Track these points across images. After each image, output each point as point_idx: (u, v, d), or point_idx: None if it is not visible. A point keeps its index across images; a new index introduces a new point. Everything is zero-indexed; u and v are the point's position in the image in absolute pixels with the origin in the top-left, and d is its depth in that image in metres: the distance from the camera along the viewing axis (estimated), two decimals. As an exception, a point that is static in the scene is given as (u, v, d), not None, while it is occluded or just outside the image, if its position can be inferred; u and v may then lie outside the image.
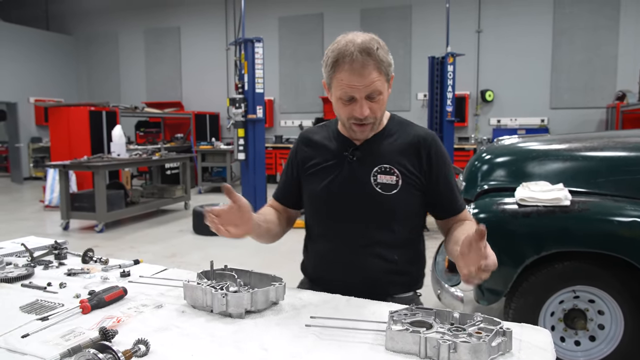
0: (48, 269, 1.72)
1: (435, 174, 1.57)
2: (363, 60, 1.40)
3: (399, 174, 1.53)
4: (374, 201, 1.53)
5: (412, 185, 1.54)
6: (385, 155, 1.56)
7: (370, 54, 1.41)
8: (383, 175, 1.53)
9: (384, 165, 1.54)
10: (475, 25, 10.88)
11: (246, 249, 5.85)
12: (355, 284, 1.54)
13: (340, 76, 1.44)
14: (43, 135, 13.25)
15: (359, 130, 1.52)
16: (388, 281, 1.58)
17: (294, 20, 12.30)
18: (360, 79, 1.41)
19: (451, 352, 1.01)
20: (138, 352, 1.05)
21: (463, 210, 1.63)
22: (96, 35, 14.62)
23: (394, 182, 1.53)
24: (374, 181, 1.53)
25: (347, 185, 1.56)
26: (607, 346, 2.59)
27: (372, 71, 1.41)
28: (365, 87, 1.42)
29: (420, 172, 1.56)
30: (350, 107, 1.48)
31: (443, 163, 1.59)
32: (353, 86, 1.43)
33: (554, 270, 2.58)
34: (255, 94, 6.46)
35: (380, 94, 1.46)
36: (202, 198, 9.64)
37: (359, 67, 1.40)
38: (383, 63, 1.44)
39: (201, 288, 1.32)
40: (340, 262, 1.57)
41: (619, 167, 2.75)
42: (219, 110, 12.89)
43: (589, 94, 10.24)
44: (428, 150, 1.57)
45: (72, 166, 6.82)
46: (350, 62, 1.41)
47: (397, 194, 1.52)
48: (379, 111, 1.50)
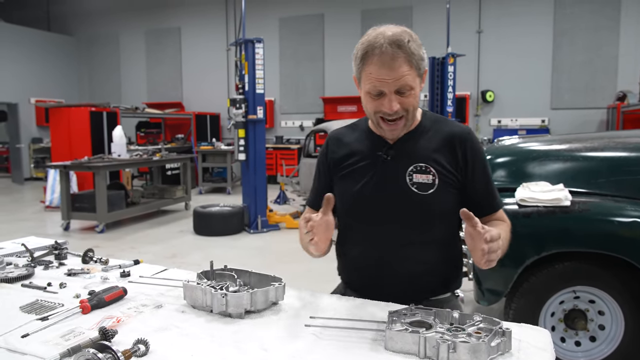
0: (48, 269, 1.72)
1: (471, 170, 1.50)
2: (393, 53, 1.33)
3: (435, 172, 1.47)
4: (410, 201, 1.46)
5: (448, 183, 1.48)
6: (420, 153, 1.49)
7: (401, 47, 1.34)
8: (419, 175, 1.47)
9: (419, 164, 1.48)
10: (475, 26, 10.88)
11: (246, 250, 5.86)
12: (391, 286, 1.47)
13: (369, 69, 1.38)
14: (44, 135, 13.26)
15: (387, 128, 1.45)
16: (425, 282, 1.53)
17: (295, 20, 12.31)
18: (389, 72, 1.35)
19: (450, 352, 1.01)
20: (138, 352, 1.05)
21: (499, 209, 1.56)
22: (97, 36, 14.64)
23: (430, 181, 1.46)
24: (409, 181, 1.47)
25: (382, 185, 1.49)
26: (608, 347, 2.59)
27: (402, 64, 1.34)
28: (394, 80, 1.35)
29: (456, 169, 1.49)
30: (378, 102, 1.41)
31: (480, 159, 1.52)
32: (382, 80, 1.36)
33: (554, 271, 2.58)
34: (256, 94, 6.46)
35: (411, 89, 1.38)
36: (202, 199, 9.64)
37: (389, 59, 1.34)
38: (414, 56, 1.36)
39: (201, 288, 1.32)
40: (376, 264, 1.50)
41: (619, 167, 2.75)
42: (219, 110, 12.91)
43: (590, 94, 10.23)
44: (464, 147, 1.50)
45: (73, 167, 6.82)
46: (379, 54, 1.35)
47: (434, 194, 1.46)
48: (409, 107, 1.41)
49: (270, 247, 6.00)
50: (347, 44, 12.04)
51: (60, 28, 14.86)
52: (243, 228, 6.76)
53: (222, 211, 6.66)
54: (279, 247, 5.97)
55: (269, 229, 6.80)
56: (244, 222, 6.77)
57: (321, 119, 11.65)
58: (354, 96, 11.51)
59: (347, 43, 11.87)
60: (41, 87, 13.62)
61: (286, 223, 7.03)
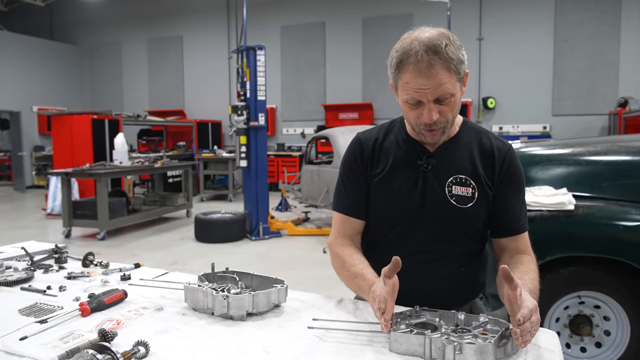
0: (48, 273, 1.71)
1: (509, 188, 1.44)
2: (429, 60, 1.25)
3: (475, 185, 1.40)
4: (448, 214, 1.40)
5: (486, 196, 1.42)
6: (460, 164, 1.42)
7: (438, 52, 1.25)
8: (458, 187, 1.40)
9: (459, 176, 1.41)
10: (476, 33, 10.90)
11: (248, 257, 5.83)
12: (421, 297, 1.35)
13: (406, 78, 1.29)
14: (46, 143, 13.29)
15: (429, 135, 1.37)
16: (456, 293, 1.47)
17: (296, 28, 12.36)
18: (427, 81, 1.26)
19: (456, 354, 1.00)
20: (137, 353, 1.03)
21: (523, 233, 1.48)
22: (100, 44, 14.71)
23: (469, 195, 1.40)
24: (448, 192, 1.40)
25: (420, 196, 1.42)
26: (614, 353, 2.56)
27: (440, 71, 1.25)
28: (433, 90, 1.27)
29: (493, 184, 1.43)
30: (417, 110, 1.33)
31: (519, 178, 1.46)
32: (419, 89, 1.28)
33: (558, 276, 2.55)
34: (257, 101, 6.47)
35: (451, 95, 1.30)
36: (204, 206, 9.63)
37: (425, 67, 1.25)
38: (453, 61, 1.26)
39: (202, 290, 1.30)
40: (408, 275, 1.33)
41: (623, 171, 2.74)
42: (221, 118, 12.93)
43: (591, 100, 10.23)
44: (503, 163, 1.43)
45: (75, 174, 6.82)
46: (415, 62, 1.26)
47: (473, 207, 1.40)
48: (449, 114, 1.33)
49: (272, 254, 5.98)
50: (348, 52, 12.12)
51: (63, 37, 14.94)
52: (244, 235, 6.74)
53: (223, 218, 6.65)
54: (280, 254, 5.95)
55: (271, 236, 6.78)
56: (245, 229, 6.75)
57: (322, 126, 11.66)
58: (355, 103, 11.54)
59: (348, 50, 11.92)
60: (43, 95, 13.67)
61: (288, 230, 7.01)
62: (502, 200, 1.44)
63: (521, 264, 1.39)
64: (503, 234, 1.47)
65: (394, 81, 1.37)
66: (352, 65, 11.81)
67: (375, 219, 1.50)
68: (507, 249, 1.48)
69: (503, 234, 1.48)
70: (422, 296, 1.33)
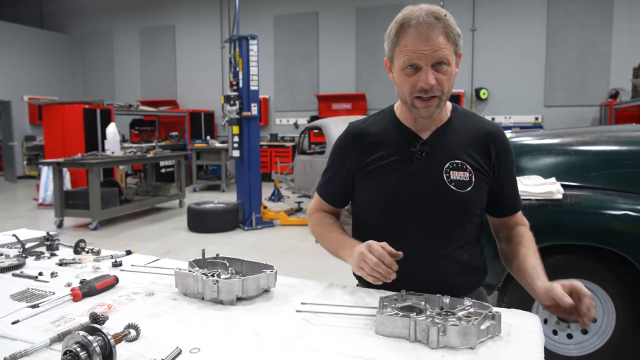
0: (40, 260, 1.71)
1: (502, 170, 1.47)
2: (430, 22, 1.28)
3: (472, 169, 1.41)
4: (448, 200, 1.39)
5: (483, 180, 1.43)
6: (455, 149, 1.43)
7: (439, 18, 1.29)
8: (456, 172, 1.40)
9: (455, 161, 1.41)
10: (469, 24, 10.91)
11: (240, 247, 5.86)
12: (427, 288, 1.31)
13: (405, 42, 1.31)
14: (37, 133, 13.20)
15: (422, 105, 1.35)
16: (459, 282, 1.46)
17: (289, 18, 12.30)
18: (426, 43, 1.28)
19: (440, 335, 1.02)
20: (128, 335, 1.05)
21: (520, 210, 1.55)
22: (91, 33, 14.58)
23: (467, 179, 1.40)
24: (446, 178, 1.40)
25: (418, 183, 1.41)
26: (599, 339, 2.61)
27: (440, 35, 1.28)
28: (432, 52, 1.28)
29: (489, 167, 1.45)
30: (414, 77, 1.32)
31: (511, 159, 1.50)
32: (418, 51, 1.29)
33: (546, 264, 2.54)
34: (250, 91, 6.46)
35: (448, 64, 1.31)
36: (197, 196, 9.62)
37: (426, 30, 1.28)
38: (452, 29, 1.31)
39: (192, 275, 1.32)
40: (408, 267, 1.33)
41: (610, 161, 2.77)
42: (214, 108, 12.89)
43: (583, 92, 10.29)
44: (497, 145, 1.46)
45: (66, 164, 6.79)
46: (416, 24, 1.29)
47: (472, 191, 1.40)
48: (445, 84, 1.33)
49: (264, 244, 6.00)
50: (341, 42, 12.08)
51: (53, 26, 14.79)
52: (237, 225, 6.76)
53: (216, 208, 6.66)
54: (273, 244, 5.97)
55: (263, 226, 6.80)
56: (238, 219, 6.77)
57: (316, 116, 11.66)
58: (348, 94, 11.54)
59: (342, 41, 11.89)
60: (34, 84, 13.55)
61: (280, 220, 7.03)
62: (502, 183, 1.48)
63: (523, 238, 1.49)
64: (505, 213, 1.54)
65: (390, 51, 1.37)
66: (346, 56, 11.79)
67: (370, 208, 1.49)
68: (507, 224, 1.55)
69: (505, 214, 1.54)
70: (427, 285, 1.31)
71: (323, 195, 1.60)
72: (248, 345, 1.05)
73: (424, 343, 1.04)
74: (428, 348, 1.02)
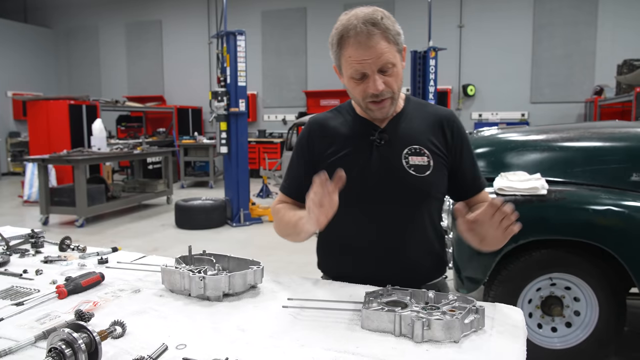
0: (24, 257, 1.70)
1: (459, 152, 1.51)
2: (368, 31, 1.31)
3: (430, 154, 1.45)
4: (408, 185, 1.43)
5: (442, 164, 1.47)
6: (412, 135, 1.47)
7: (375, 24, 1.31)
8: (414, 157, 1.44)
9: (413, 146, 1.45)
10: (457, 20, 10.96)
11: (229, 243, 5.84)
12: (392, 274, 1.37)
13: (348, 53, 1.35)
14: (21, 129, 13.01)
15: (376, 107, 1.40)
16: (426, 266, 1.52)
17: (277, 14, 12.26)
18: (368, 52, 1.31)
19: (425, 329, 1.03)
20: (114, 332, 1.05)
21: (484, 189, 1.58)
22: (76, 28, 14.40)
23: (426, 163, 1.44)
24: (406, 164, 1.44)
25: (378, 171, 1.45)
26: (583, 332, 2.65)
27: (380, 41, 1.32)
28: (375, 59, 1.32)
29: (446, 150, 1.49)
30: (363, 85, 1.37)
31: (467, 141, 1.54)
32: (362, 61, 1.33)
33: (531, 259, 2.62)
34: (238, 87, 6.43)
35: (393, 65, 1.36)
36: (184, 192, 9.58)
37: (365, 38, 1.31)
38: (390, 31, 1.33)
39: (179, 272, 1.32)
40: (376, 254, 1.43)
41: (594, 157, 2.81)
42: (201, 104, 12.81)
43: (568, 88, 10.40)
44: (452, 128, 1.50)
45: (52, 160, 6.72)
46: (354, 35, 1.32)
47: (431, 175, 1.44)
48: (394, 84, 1.38)
49: (253, 240, 5.99)
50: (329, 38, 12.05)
51: (37, 20, 14.58)
52: (225, 221, 6.74)
53: (204, 205, 6.63)
54: (261, 240, 5.97)
55: (252, 222, 6.79)
56: (226, 216, 6.75)
57: (304, 112, 11.64)
58: (336, 90, 11.53)
59: (330, 37, 11.87)
60: (18, 80, 13.35)
61: (269, 216, 7.02)
62: (460, 164, 1.51)
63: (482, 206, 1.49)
64: (468, 194, 1.56)
65: (337, 61, 1.42)
66: (330, 50, 11.76)
67: None
68: (471, 204, 1.57)
69: (468, 195, 1.56)
70: (391, 274, 1.36)
71: (286, 191, 1.61)
72: (234, 341, 1.05)
73: (409, 337, 1.05)
74: (413, 342, 1.03)
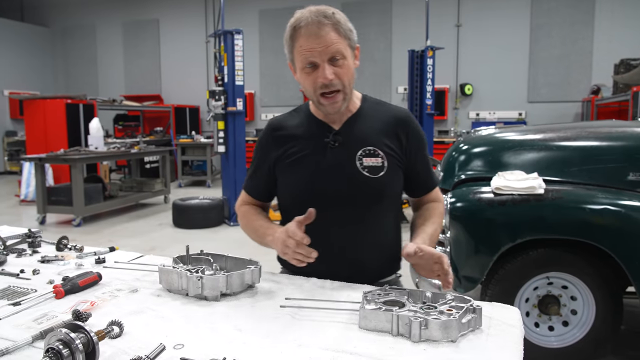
0: (21, 257, 1.70)
1: (414, 152, 1.55)
2: (319, 21, 1.37)
3: (384, 155, 1.49)
4: (362, 185, 1.48)
5: (396, 165, 1.52)
6: (367, 137, 1.51)
7: (327, 16, 1.39)
8: (368, 158, 1.48)
9: (367, 148, 1.49)
10: (454, 20, 10.96)
11: (226, 243, 5.84)
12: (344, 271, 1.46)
13: (299, 43, 1.40)
14: (18, 128, 12.97)
15: (327, 102, 1.44)
16: (377, 265, 1.57)
17: (275, 13, 12.24)
18: (318, 41, 1.37)
19: (422, 329, 1.03)
20: (111, 332, 1.05)
21: (436, 187, 1.66)
22: (73, 27, 14.35)
23: (380, 164, 1.48)
24: (360, 165, 1.48)
25: (332, 172, 1.49)
26: (580, 330, 2.66)
27: (330, 32, 1.38)
28: (325, 48, 1.38)
29: (401, 151, 1.53)
30: (314, 74, 1.42)
31: (421, 141, 1.58)
32: (312, 49, 1.38)
33: (528, 258, 2.63)
34: (235, 86, 6.42)
35: (343, 57, 1.41)
36: (182, 192, 9.56)
37: (316, 28, 1.37)
38: (341, 24, 1.40)
39: (176, 272, 1.31)
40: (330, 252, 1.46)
41: (591, 156, 2.81)
42: (199, 103, 12.78)
43: (565, 88, 10.41)
44: (407, 129, 1.55)
45: (49, 159, 6.70)
46: (306, 25, 1.38)
47: (385, 176, 1.48)
48: (344, 77, 1.43)
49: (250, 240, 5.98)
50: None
51: (34, 18, 14.53)
52: (223, 221, 6.73)
53: (201, 204, 6.62)
54: (259, 239, 5.95)
55: (249, 221, 6.77)
56: (224, 215, 6.74)
57: (302, 112, 11.62)
58: (334, 89, 11.51)
59: (328, 36, 11.86)
60: (15, 79, 13.31)
61: (266, 215, 7.01)
62: (414, 165, 1.57)
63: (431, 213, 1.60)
64: (421, 193, 1.65)
65: (290, 55, 1.46)
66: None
67: (291, 199, 1.57)
68: (422, 201, 1.66)
69: (421, 193, 1.65)
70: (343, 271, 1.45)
71: (248, 190, 1.68)
72: (232, 341, 1.05)
73: (407, 337, 1.05)
74: (410, 342, 1.04)
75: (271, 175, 1.60)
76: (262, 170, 1.62)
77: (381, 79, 11.43)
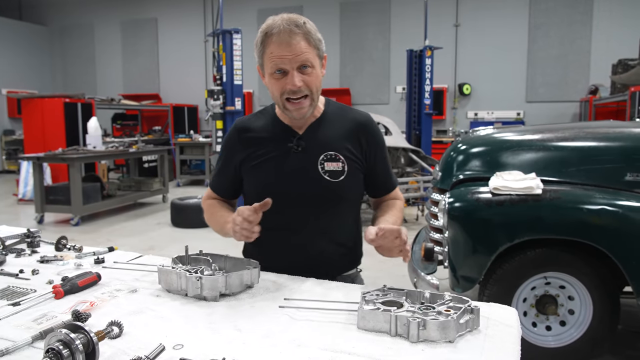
0: (20, 257, 1.70)
1: (374, 155, 1.62)
2: (291, 30, 1.41)
3: (344, 159, 1.56)
4: (322, 189, 1.54)
5: (356, 168, 1.58)
6: (329, 142, 1.57)
7: (298, 26, 1.42)
8: (329, 163, 1.55)
9: (329, 153, 1.55)
10: (453, 19, 10.97)
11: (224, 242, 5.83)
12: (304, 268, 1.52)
13: (270, 49, 1.44)
14: (16, 127, 12.96)
15: (293, 107, 1.49)
16: (338, 261, 1.64)
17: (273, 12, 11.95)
18: (289, 49, 1.41)
19: (420, 329, 1.04)
20: (111, 333, 1.05)
21: (396, 187, 1.74)
22: (71, 26, 14.33)
23: (340, 169, 1.55)
24: (321, 169, 1.54)
25: (295, 175, 1.54)
26: (577, 330, 2.66)
27: (301, 41, 1.42)
28: (295, 56, 1.42)
29: (361, 154, 1.60)
30: (282, 80, 1.46)
31: (381, 144, 1.65)
32: (283, 56, 1.42)
33: (526, 258, 2.64)
34: (234, 85, 6.43)
35: (312, 66, 1.46)
36: (180, 191, 9.56)
37: (287, 37, 1.41)
38: (311, 35, 1.44)
39: (176, 272, 1.32)
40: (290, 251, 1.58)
41: (588, 156, 2.82)
42: (197, 102, 12.79)
43: (563, 88, 10.44)
44: (367, 134, 1.61)
45: (47, 158, 6.70)
46: (278, 33, 1.41)
47: (345, 180, 1.55)
48: (312, 85, 1.47)
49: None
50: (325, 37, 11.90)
51: (32, 17, 14.51)
52: (221, 220, 6.72)
53: (200, 203, 6.60)
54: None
55: (248, 220, 6.77)
56: (222, 214, 6.73)
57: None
58: (332, 88, 11.54)
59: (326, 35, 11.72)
60: (13, 77, 13.29)
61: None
62: (374, 168, 1.64)
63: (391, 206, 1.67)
64: (381, 194, 1.73)
65: (260, 59, 1.50)
66: (330, 51, 11.68)
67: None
68: (383, 200, 1.73)
69: (381, 194, 1.73)
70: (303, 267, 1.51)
71: (213, 187, 1.74)
72: (231, 341, 1.06)
73: (405, 337, 1.06)
74: (408, 342, 1.04)
75: (237, 176, 1.66)
76: (228, 169, 1.67)
77: (379, 78, 11.44)
